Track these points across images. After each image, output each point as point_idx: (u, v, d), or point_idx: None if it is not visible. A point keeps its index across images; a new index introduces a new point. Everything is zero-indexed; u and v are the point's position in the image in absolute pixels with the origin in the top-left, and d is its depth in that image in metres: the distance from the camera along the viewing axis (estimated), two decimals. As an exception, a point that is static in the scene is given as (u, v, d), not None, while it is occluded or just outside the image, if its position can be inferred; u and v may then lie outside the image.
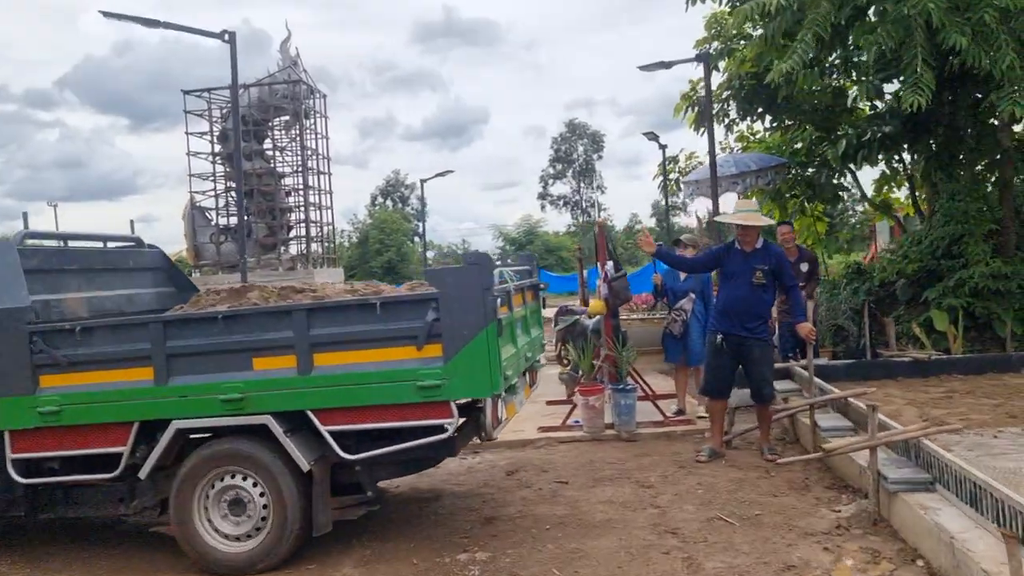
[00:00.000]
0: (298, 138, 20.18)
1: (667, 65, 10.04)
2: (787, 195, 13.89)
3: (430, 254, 49.62)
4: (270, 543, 4.71)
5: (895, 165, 13.67)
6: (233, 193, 19.57)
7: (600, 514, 5.36)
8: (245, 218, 15.06)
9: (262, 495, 4.74)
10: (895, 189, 14.93)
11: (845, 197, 15.30)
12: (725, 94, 13.33)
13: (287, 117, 20.19)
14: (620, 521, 5.19)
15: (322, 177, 20.55)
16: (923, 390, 7.47)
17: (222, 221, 20.11)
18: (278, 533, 4.70)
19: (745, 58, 13.20)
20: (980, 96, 10.48)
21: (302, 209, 20.09)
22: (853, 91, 13.43)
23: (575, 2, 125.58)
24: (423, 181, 28.02)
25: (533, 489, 6.11)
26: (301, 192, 20.08)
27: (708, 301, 8.02)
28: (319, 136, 20.65)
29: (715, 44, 13.99)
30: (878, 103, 12.25)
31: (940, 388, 7.54)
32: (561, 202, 71.84)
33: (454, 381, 4.45)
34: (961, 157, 10.81)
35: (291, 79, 19.69)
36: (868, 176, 17.72)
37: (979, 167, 11.51)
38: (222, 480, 4.80)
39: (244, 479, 4.77)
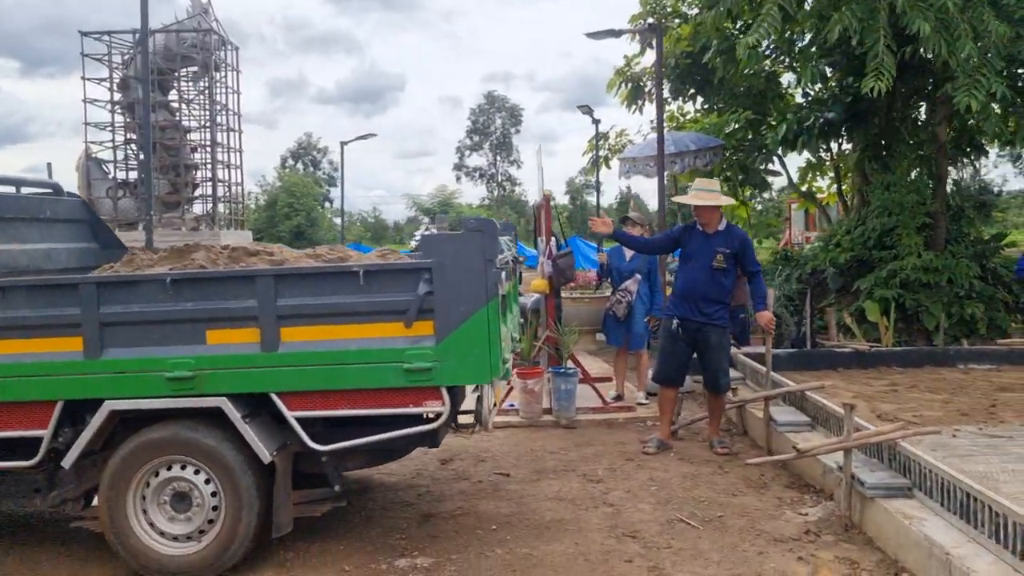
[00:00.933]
0: (207, 91, 18.92)
1: (616, 33, 9.60)
2: (717, 178, 13.76)
3: (337, 220, 47.89)
4: (220, 545, 4.05)
5: (822, 154, 13.71)
6: (133, 145, 18.21)
7: (549, 512, 4.92)
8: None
9: (212, 489, 4.07)
10: (818, 178, 15.04)
11: (772, 183, 15.33)
12: (660, 72, 13.00)
13: (195, 68, 18.88)
14: (573, 521, 4.76)
15: (231, 134, 19.37)
16: (866, 382, 7.34)
17: (120, 175, 18.69)
18: (230, 534, 4.04)
19: (681, 36, 12.95)
20: (927, 85, 10.48)
21: (209, 167, 18.89)
22: (786, 77, 13.51)
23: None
24: (343, 143, 26.60)
25: (472, 482, 5.63)
26: (208, 149, 18.87)
27: (654, 283, 7.69)
28: (229, 91, 19.41)
29: (649, 20, 13.70)
30: (810, 91, 12.22)
31: (882, 381, 7.43)
32: (477, 174, 71.20)
33: (447, 364, 3.87)
34: (897, 148, 10.81)
35: (201, 27, 18.37)
36: (792, 164, 17.88)
37: (908, 160, 11.57)
38: (164, 471, 4.10)
39: (191, 470, 4.09)
